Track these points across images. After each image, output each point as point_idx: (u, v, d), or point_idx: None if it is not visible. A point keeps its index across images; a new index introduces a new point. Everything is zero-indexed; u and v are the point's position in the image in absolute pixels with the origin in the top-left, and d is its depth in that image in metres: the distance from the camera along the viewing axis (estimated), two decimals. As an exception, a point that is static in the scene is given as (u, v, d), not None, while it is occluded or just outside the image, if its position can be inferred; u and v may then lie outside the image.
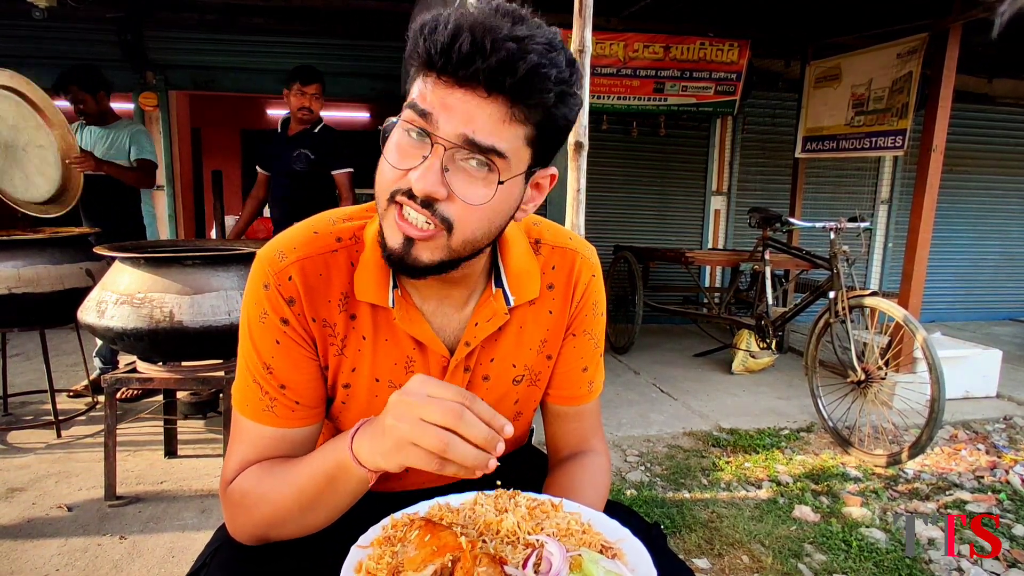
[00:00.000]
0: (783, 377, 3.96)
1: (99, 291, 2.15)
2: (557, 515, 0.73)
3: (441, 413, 0.58)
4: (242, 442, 0.79)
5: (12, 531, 2.01)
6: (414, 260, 0.69)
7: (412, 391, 0.61)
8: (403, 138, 0.67)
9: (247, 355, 0.78)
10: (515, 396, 0.91)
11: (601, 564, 0.64)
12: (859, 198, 5.61)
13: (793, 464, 2.69)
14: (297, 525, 0.74)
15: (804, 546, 2.04)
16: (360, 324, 0.80)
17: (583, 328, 0.91)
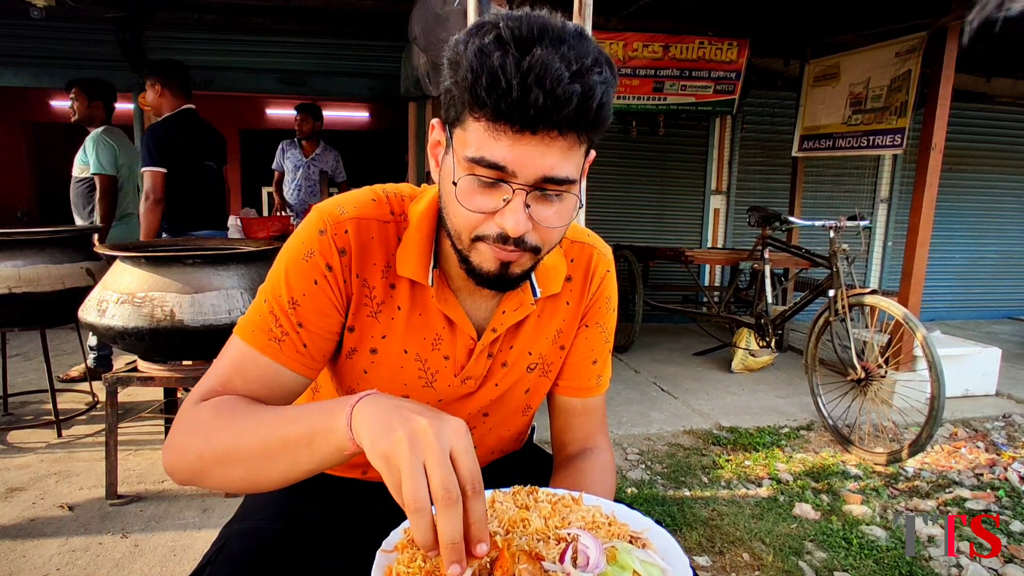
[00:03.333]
0: (783, 375, 3.97)
1: (100, 290, 2.15)
2: (581, 508, 0.73)
3: (441, 483, 0.52)
4: (230, 365, 0.76)
5: (12, 531, 2.01)
6: (510, 276, 0.74)
7: (444, 432, 0.55)
8: (476, 186, 0.69)
9: (274, 287, 0.78)
10: (527, 384, 0.93)
11: (635, 555, 0.64)
12: (858, 197, 5.62)
13: (793, 462, 2.70)
14: (245, 472, 0.66)
15: (805, 544, 2.04)
16: (398, 295, 0.83)
17: (596, 320, 0.94)
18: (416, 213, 0.82)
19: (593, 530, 0.68)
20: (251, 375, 0.75)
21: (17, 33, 4.40)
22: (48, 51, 4.48)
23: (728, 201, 5.55)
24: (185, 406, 0.70)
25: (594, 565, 0.61)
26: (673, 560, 0.66)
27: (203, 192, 3.16)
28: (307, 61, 4.90)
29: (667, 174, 5.40)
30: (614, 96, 0.68)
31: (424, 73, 3.57)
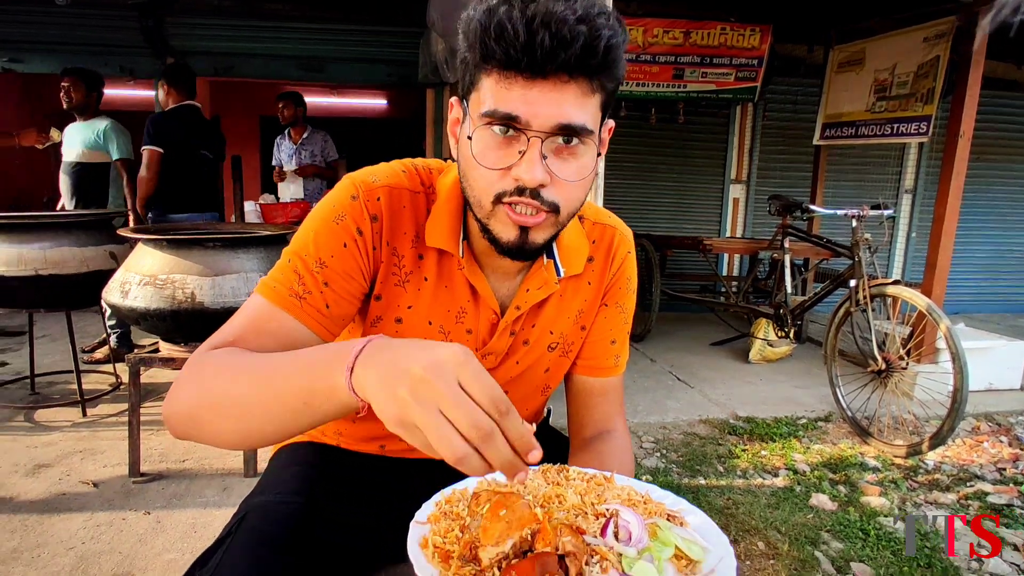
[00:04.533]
0: (801, 366, 3.93)
1: (123, 272, 2.19)
2: (614, 487, 0.72)
3: (468, 423, 0.48)
4: (246, 320, 0.74)
5: (40, 505, 2.07)
6: (531, 244, 0.73)
7: (443, 368, 0.50)
8: (491, 139, 0.69)
9: (301, 247, 0.77)
10: (547, 364, 0.93)
11: (675, 532, 0.63)
12: (882, 187, 5.51)
13: (811, 453, 2.67)
14: (236, 425, 0.63)
15: (821, 534, 2.03)
16: (425, 266, 0.83)
17: (615, 300, 0.95)
18: (445, 186, 0.83)
19: (630, 508, 0.67)
20: (266, 330, 0.73)
21: (42, 20, 4.46)
22: (72, 38, 4.54)
23: (748, 190, 5.47)
24: (192, 356, 0.69)
25: (637, 540, 0.60)
26: (713, 540, 0.65)
27: (196, 177, 3.43)
28: (325, 47, 4.91)
29: (686, 163, 5.34)
30: (625, 50, 0.68)
31: (442, 59, 3.56)
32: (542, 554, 0.56)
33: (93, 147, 3.51)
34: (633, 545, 0.59)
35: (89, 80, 3.51)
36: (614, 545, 0.59)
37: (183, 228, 2.69)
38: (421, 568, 0.57)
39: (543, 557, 0.55)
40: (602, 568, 0.57)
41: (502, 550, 0.57)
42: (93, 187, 3.56)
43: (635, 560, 0.58)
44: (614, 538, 0.60)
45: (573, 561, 0.56)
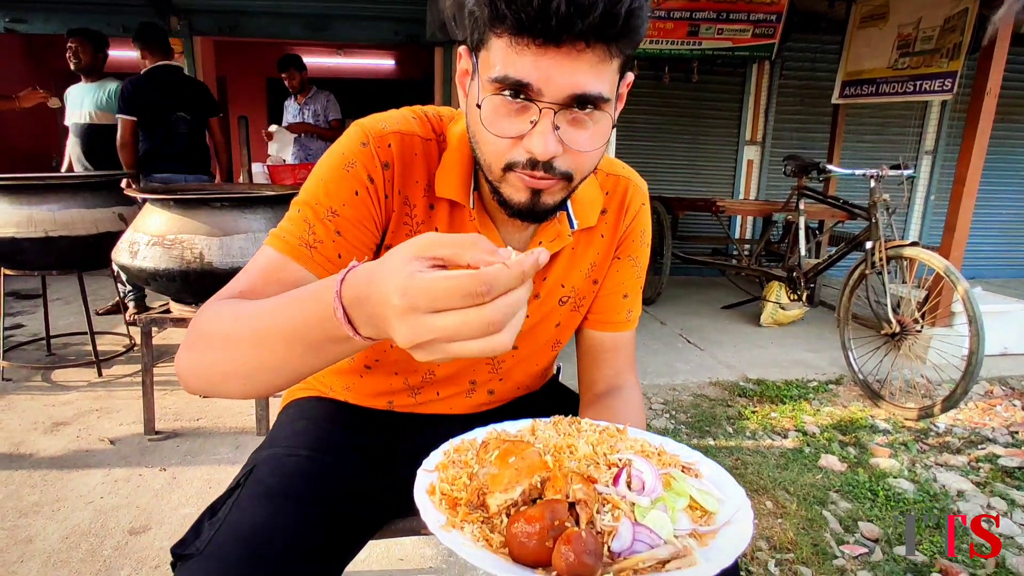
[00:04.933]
0: (813, 330, 3.90)
1: (131, 232, 2.19)
2: (628, 439, 0.71)
3: (469, 325, 0.44)
4: (256, 271, 0.71)
5: (59, 462, 2.11)
6: (543, 206, 0.71)
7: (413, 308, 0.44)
8: (501, 107, 0.65)
9: (311, 196, 0.74)
10: (557, 318, 0.92)
11: (690, 483, 0.62)
12: (902, 148, 5.37)
13: (821, 415, 2.67)
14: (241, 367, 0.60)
15: (829, 494, 2.03)
16: (436, 217, 0.81)
17: (628, 253, 0.93)
18: (455, 134, 0.80)
19: (644, 458, 0.65)
20: (275, 280, 0.70)
21: (44, -22, 4.39)
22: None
23: (763, 152, 5.36)
24: (199, 310, 0.67)
25: (650, 490, 0.58)
26: (728, 491, 0.63)
27: (173, 138, 3.42)
28: (331, 4, 4.79)
29: (700, 123, 5.22)
30: (649, 8, 0.63)
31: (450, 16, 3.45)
32: (552, 501, 0.55)
33: (104, 108, 3.49)
34: (646, 495, 0.58)
35: (96, 41, 3.47)
36: (627, 494, 0.57)
37: (190, 188, 2.67)
38: (428, 514, 0.56)
39: (553, 504, 0.54)
40: (614, 517, 0.55)
41: (511, 497, 0.56)
42: (103, 148, 3.53)
43: (648, 510, 0.56)
44: (627, 487, 0.58)
45: (584, 509, 0.54)
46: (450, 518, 0.56)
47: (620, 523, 0.54)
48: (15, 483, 1.97)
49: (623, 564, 0.51)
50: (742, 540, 0.55)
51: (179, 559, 0.67)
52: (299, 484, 0.77)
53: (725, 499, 0.62)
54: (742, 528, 0.57)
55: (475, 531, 0.54)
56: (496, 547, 0.53)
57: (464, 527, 0.55)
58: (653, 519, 0.55)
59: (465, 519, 0.55)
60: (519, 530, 0.52)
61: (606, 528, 0.54)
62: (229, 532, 0.68)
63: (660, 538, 0.54)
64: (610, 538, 0.54)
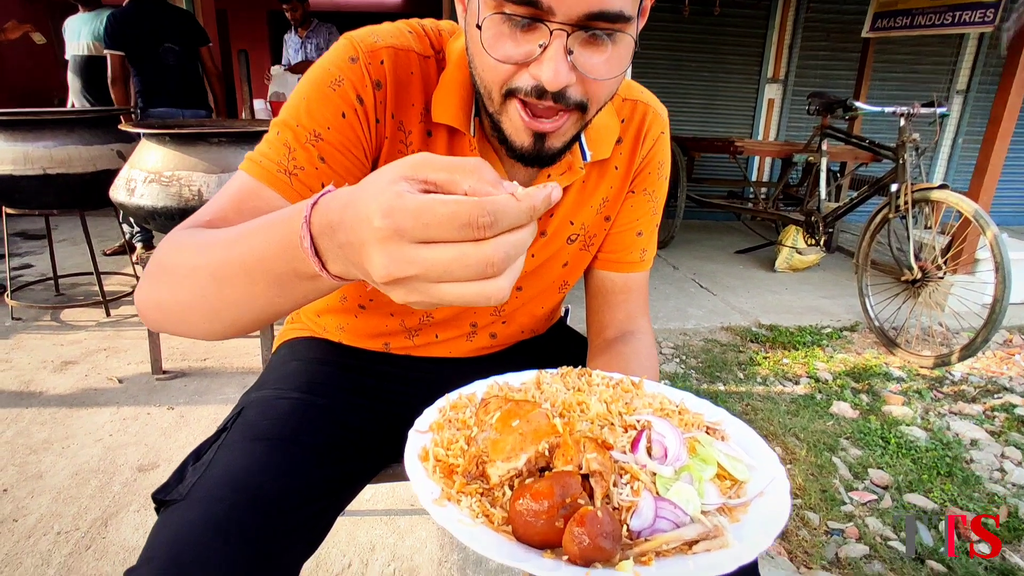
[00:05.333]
0: (828, 276, 3.81)
1: (128, 169, 2.12)
2: (645, 394, 0.63)
3: (471, 272, 0.37)
4: (228, 199, 0.64)
5: (68, 399, 2.12)
6: (549, 151, 0.64)
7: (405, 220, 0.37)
8: (506, 28, 0.56)
9: (292, 116, 0.66)
10: (565, 258, 0.85)
11: (717, 447, 0.55)
12: (933, 87, 5.11)
13: (834, 362, 2.62)
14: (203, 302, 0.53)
15: (840, 441, 2.01)
16: (434, 144, 0.73)
17: (644, 187, 0.85)
18: (455, 52, 0.71)
19: (664, 418, 0.58)
20: (249, 209, 0.63)
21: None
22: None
23: (785, 90, 5.12)
24: (165, 237, 0.61)
25: (674, 457, 0.51)
26: (760, 457, 0.56)
27: (164, 71, 3.31)
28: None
29: (720, 59, 4.98)
30: None
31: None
32: (562, 473, 0.48)
33: (102, 39, 3.34)
34: (669, 463, 0.51)
35: None
36: (647, 463, 0.51)
37: (187, 124, 2.58)
38: (420, 483, 0.49)
39: (563, 477, 0.47)
40: (633, 490, 0.48)
41: (514, 466, 0.49)
42: (104, 81, 3.41)
43: (671, 481, 0.50)
44: (647, 455, 0.52)
45: (599, 482, 0.48)
46: (445, 489, 0.49)
47: (640, 497, 0.48)
48: (25, 420, 1.98)
49: (644, 546, 0.45)
50: (779, 516, 0.48)
51: (161, 504, 0.63)
52: (290, 427, 0.73)
53: (756, 466, 0.55)
54: (778, 502, 0.50)
55: (473, 505, 0.48)
56: (498, 524, 0.47)
57: (461, 500, 0.49)
58: (678, 492, 0.49)
59: (462, 491, 0.49)
60: (525, 507, 0.45)
61: (624, 504, 0.48)
62: (214, 476, 0.64)
63: (686, 514, 0.47)
64: (629, 515, 0.47)
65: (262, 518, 0.62)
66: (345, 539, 1.52)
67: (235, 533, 0.59)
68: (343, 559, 1.46)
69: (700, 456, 0.53)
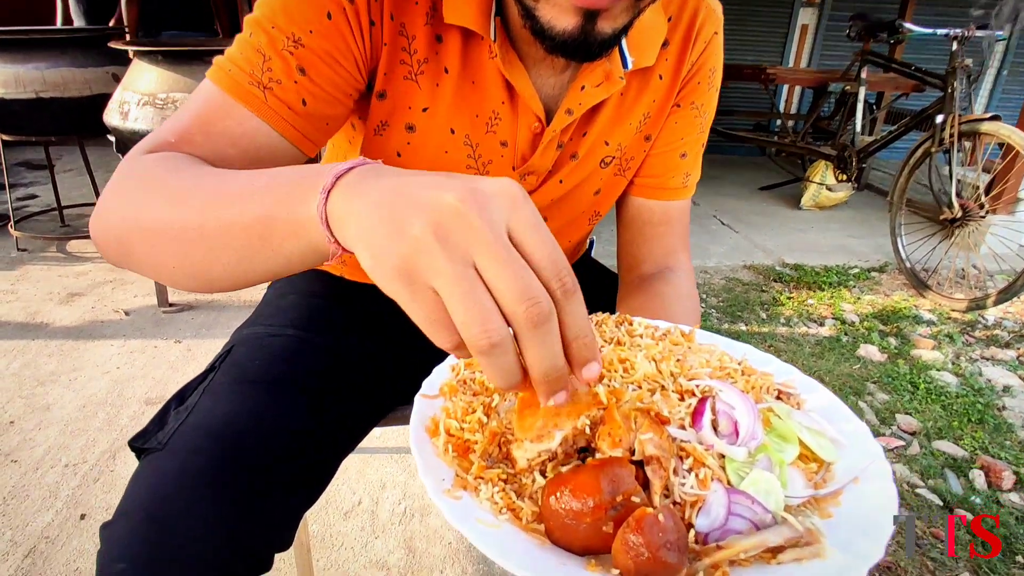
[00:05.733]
0: (857, 215, 3.65)
1: (121, 92, 2.00)
2: (700, 349, 0.52)
3: (517, 293, 0.32)
4: (192, 115, 0.55)
5: (75, 332, 2.09)
6: (598, 35, 0.52)
7: (488, 202, 0.33)
8: None
9: (266, 15, 0.55)
10: (597, 184, 0.74)
11: (795, 419, 0.44)
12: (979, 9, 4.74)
13: (861, 303, 2.52)
14: (178, 260, 0.47)
15: (867, 385, 1.93)
16: (446, 52, 0.61)
17: (692, 100, 0.72)
18: None
19: (723, 380, 0.47)
20: (218, 131, 0.54)
21: None
22: None
23: (820, 15, 4.79)
24: (123, 161, 0.51)
25: (748, 436, 0.40)
26: (845, 427, 0.45)
27: None
28: None
29: (752, -20, 4.63)
30: None
31: None
32: (610, 462, 0.37)
33: None
34: (742, 443, 0.40)
35: None
36: (715, 443, 0.40)
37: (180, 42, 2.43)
38: (428, 466, 0.40)
39: (612, 467, 0.37)
40: (699, 480, 0.38)
41: (547, 447, 0.39)
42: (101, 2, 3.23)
43: (746, 466, 0.39)
44: (712, 431, 0.41)
45: (657, 471, 0.37)
46: (460, 474, 0.40)
47: (709, 490, 0.38)
48: (32, 352, 1.95)
49: (717, 556, 0.35)
50: (883, 512, 0.37)
51: (139, 453, 0.57)
52: (283, 367, 0.65)
53: (843, 441, 0.44)
54: (878, 491, 0.39)
55: (496, 495, 0.38)
56: (527, 521, 0.37)
57: (480, 488, 0.39)
58: (755, 481, 0.38)
59: (481, 475, 0.40)
60: (563, 507, 0.35)
61: (688, 498, 0.38)
62: (197, 423, 0.57)
63: (766, 510, 0.37)
64: (694, 513, 0.37)
65: (250, 469, 0.55)
66: (355, 476, 1.49)
67: (220, 486, 0.52)
68: (353, 496, 1.43)
69: (777, 432, 0.42)
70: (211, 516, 0.50)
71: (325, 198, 0.38)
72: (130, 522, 0.50)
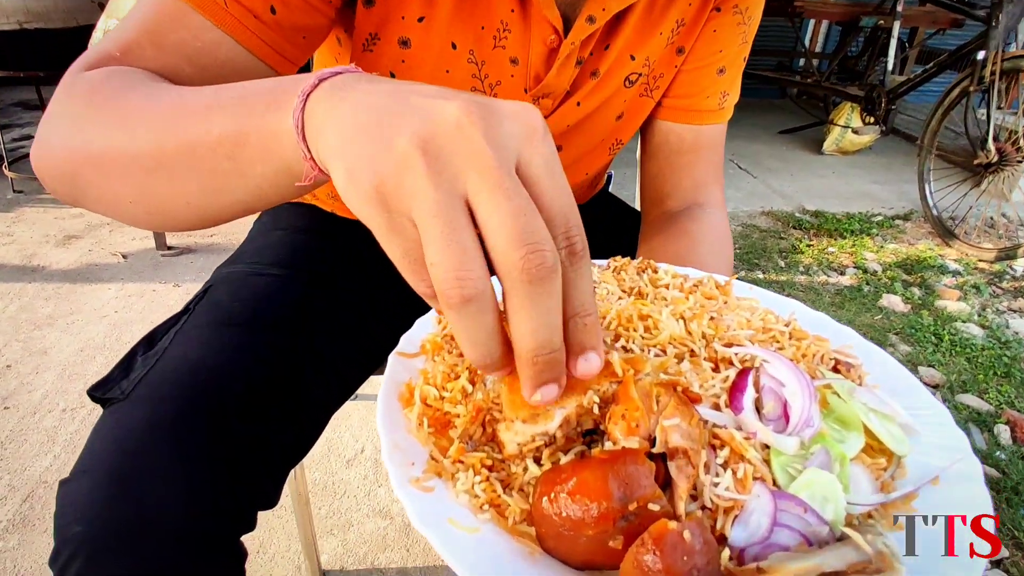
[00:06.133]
0: (881, 160, 3.50)
1: (104, 19, 1.87)
2: (738, 304, 0.43)
3: (518, 236, 0.25)
4: (139, 23, 0.46)
5: (72, 275, 2.04)
6: None
7: (498, 122, 0.27)
8: None
9: None
10: (620, 106, 0.64)
11: (859, 399, 0.35)
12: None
13: (884, 252, 2.42)
14: (137, 193, 0.40)
15: (889, 336, 1.86)
16: None
17: (734, 2, 0.61)
18: None
19: (767, 345, 0.37)
20: (171, 42, 0.45)
21: None
22: None
23: (853, -57, 4.46)
24: (64, 79, 0.43)
25: (802, 421, 0.31)
26: (924, 413, 0.36)
27: None
28: None
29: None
30: None
31: None
32: (620, 455, 0.28)
33: None
34: (794, 431, 0.31)
35: None
36: (758, 430, 0.31)
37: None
38: (395, 445, 0.33)
39: (624, 462, 0.28)
40: (737, 480, 0.29)
41: (543, 430, 0.30)
42: None
43: (797, 461, 0.30)
44: (755, 413, 0.32)
45: (683, 468, 0.29)
46: (435, 455, 0.32)
47: (750, 493, 0.29)
48: (28, 295, 1.90)
49: None
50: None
51: (102, 404, 0.50)
52: (266, 308, 0.58)
53: (917, 428, 0.35)
54: (968, 497, 0.31)
55: (477, 485, 0.31)
56: (515, 521, 0.29)
57: (458, 477, 0.31)
58: (810, 483, 0.29)
59: (460, 459, 0.32)
60: (560, 512, 0.27)
61: (721, 502, 0.29)
62: (165, 370, 0.50)
63: (823, 521, 0.29)
64: (728, 520, 0.29)
65: (226, 421, 0.48)
66: (358, 424, 1.46)
67: (190, 440, 0.46)
68: (355, 444, 1.40)
69: (837, 416, 0.33)
70: (180, 473, 0.44)
71: (303, 102, 0.31)
72: (89, 480, 0.44)
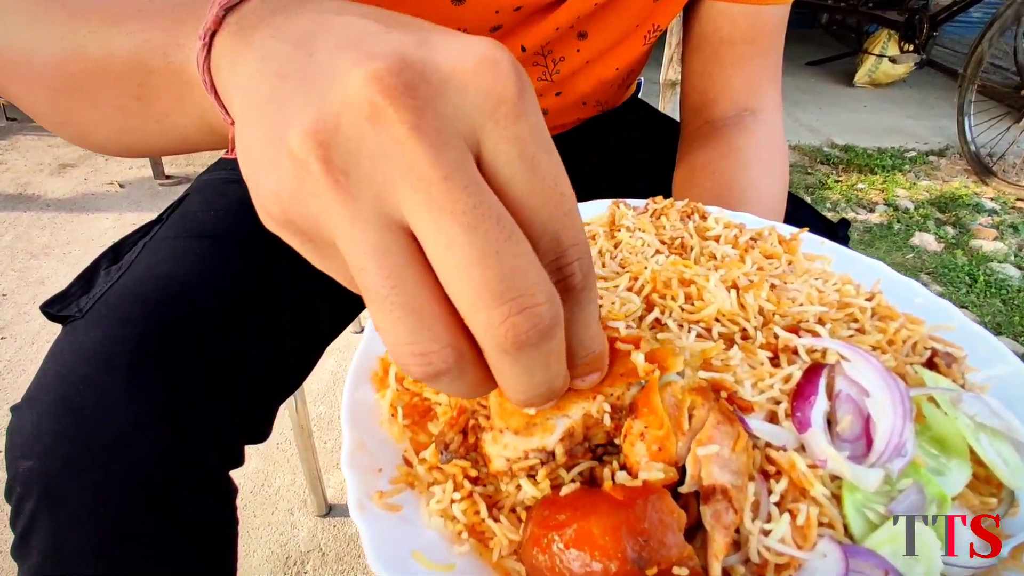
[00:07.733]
0: (915, 94, 3.30)
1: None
2: (806, 264, 0.34)
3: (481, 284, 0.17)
4: None
5: (67, 204, 1.97)
6: None
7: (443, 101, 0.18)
8: None
9: None
10: None
11: (966, 411, 0.25)
12: None
13: (916, 189, 2.29)
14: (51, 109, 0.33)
15: (920, 276, 1.77)
16: None
17: None
18: None
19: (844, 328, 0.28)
20: None
21: None
22: None
23: None
24: None
25: (891, 448, 0.22)
26: None
27: None
28: None
29: None
30: None
31: None
32: (638, 495, 0.20)
33: None
34: (879, 460, 0.22)
35: None
36: (830, 457, 0.22)
37: None
38: (357, 445, 0.25)
39: (642, 506, 0.20)
40: (797, 530, 0.21)
41: (538, 445, 0.22)
42: None
43: (878, 501, 0.22)
44: (826, 433, 0.23)
45: (722, 515, 0.20)
46: (409, 455, 0.25)
47: (812, 549, 0.21)
48: (24, 225, 1.84)
49: None
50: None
51: (58, 322, 0.44)
52: (246, 219, 0.50)
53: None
54: None
55: (457, 505, 0.23)
56: (501, 555, 0.22)
57: (432, 493, 0.24)
58: (895, 536, 0.22)
59: (438, 466, 0.25)
60: (555, 565, 0.20)
61: (771, 557, 0.20)
62: (128, 285, 0.44)
63: None
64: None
65: (196, 343, 0.41)
66: (364, 359, 1.41)
67: (154, 366, 0.39)
68: (362, 379, 1.35)
69: (934, 435, 0.24)
70: (141, 401, 0.38)
71: (206, 46, 0.23)
72: (37, 410, 0.38)
